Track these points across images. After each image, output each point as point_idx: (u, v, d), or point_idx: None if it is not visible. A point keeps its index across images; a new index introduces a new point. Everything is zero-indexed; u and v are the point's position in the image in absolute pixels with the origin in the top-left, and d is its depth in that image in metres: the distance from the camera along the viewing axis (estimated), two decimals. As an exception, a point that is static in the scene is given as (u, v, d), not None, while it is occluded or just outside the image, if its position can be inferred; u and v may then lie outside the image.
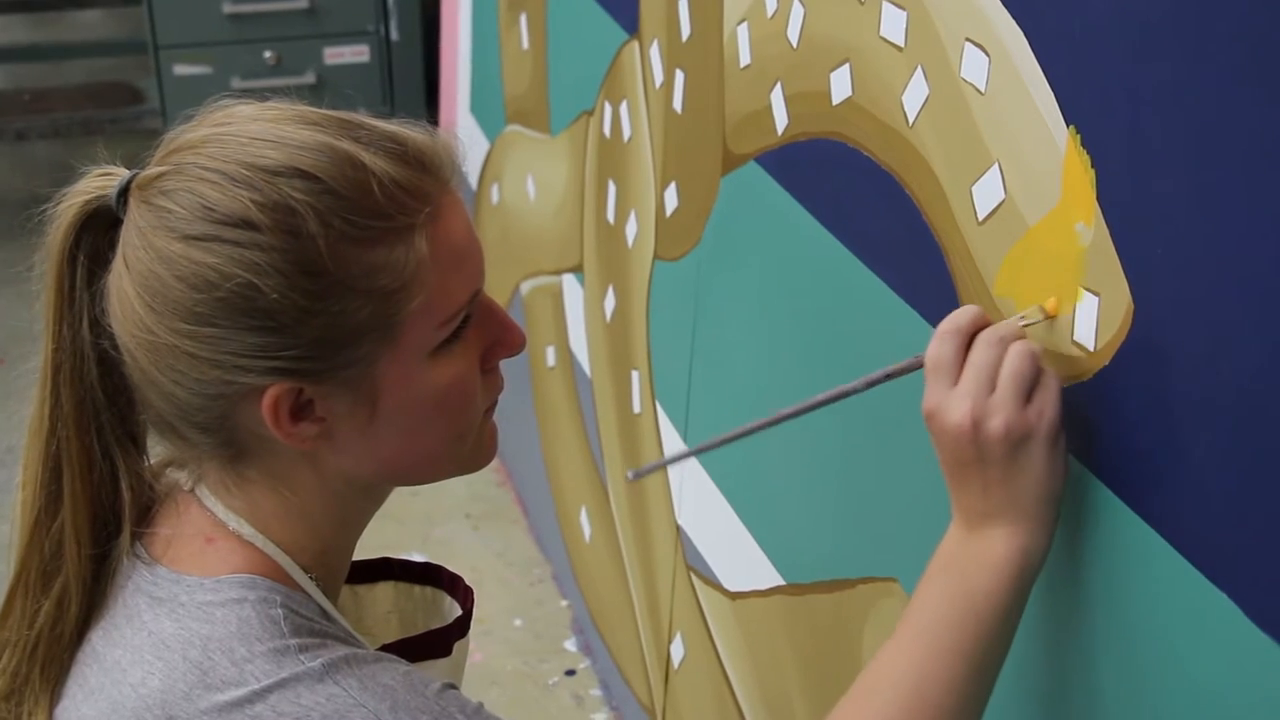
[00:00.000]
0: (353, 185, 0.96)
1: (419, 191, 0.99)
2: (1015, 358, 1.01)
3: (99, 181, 1.03)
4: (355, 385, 0.99)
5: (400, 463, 1.05)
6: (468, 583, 1.22)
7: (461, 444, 1.06)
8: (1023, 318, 1.06)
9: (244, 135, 0.98)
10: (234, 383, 0.98)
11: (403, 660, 1.02)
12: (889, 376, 1.11)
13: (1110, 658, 1.04)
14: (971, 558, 1.02)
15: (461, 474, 1.09)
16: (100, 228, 1.02)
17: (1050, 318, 1.06)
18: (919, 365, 1.06)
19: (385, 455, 1.03)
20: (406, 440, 1.03)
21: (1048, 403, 1.01)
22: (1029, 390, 1.01)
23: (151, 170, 1.00)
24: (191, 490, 1.06)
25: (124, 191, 1.01)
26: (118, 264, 1.00)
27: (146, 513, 1.06)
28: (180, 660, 0.97)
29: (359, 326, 0.97)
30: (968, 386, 1.01)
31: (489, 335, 1.05)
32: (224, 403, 1.00)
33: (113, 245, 1.01)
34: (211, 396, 0.99)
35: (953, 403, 1.01)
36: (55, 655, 1.04)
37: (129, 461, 1.05)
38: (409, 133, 1.01)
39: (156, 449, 1.08)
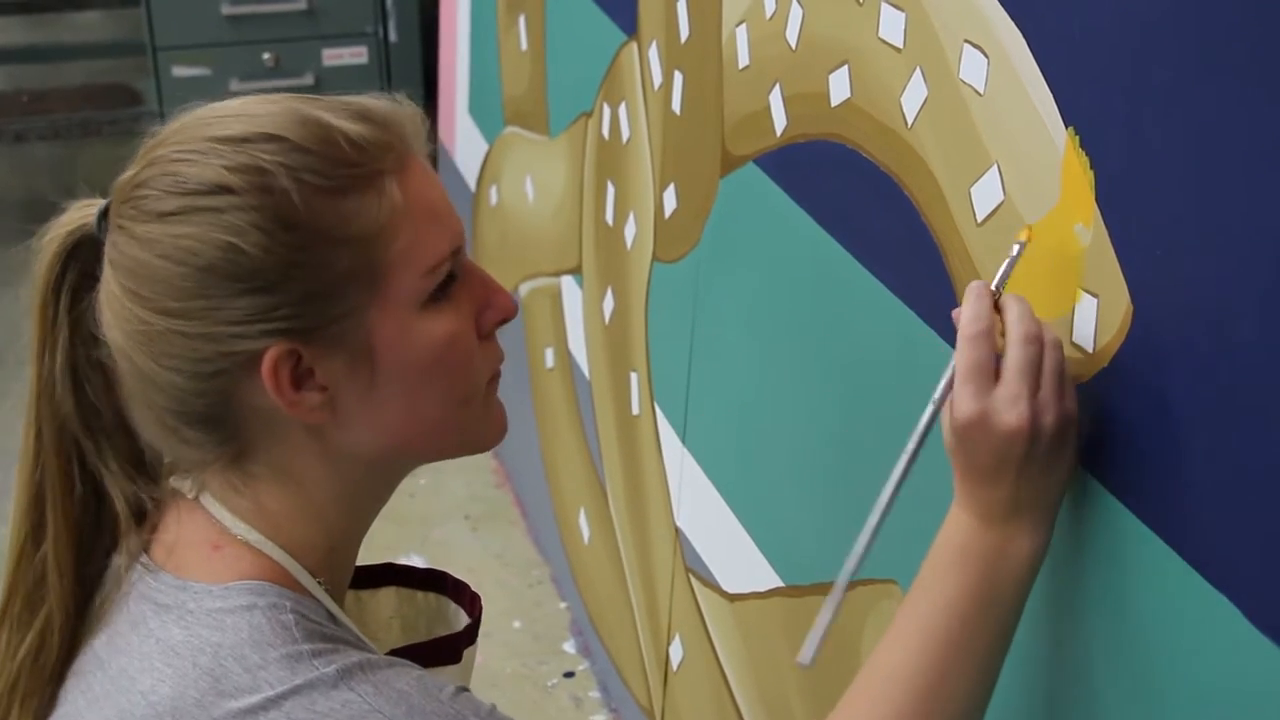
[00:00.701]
0: (319, 140, 0.99)
1: (383, 143, 1.01)
2: (1054, 351, 1.00)
3: (81, 213, 1.04)
4: (349, 342, 1.00)
5: (406, 431, 1.04)
6: (474, 590, 1.22)
7: (467, 410, 1.06)
8: (1014, 251, 1.05)
9: (207, 117, 1.01)
10: (231, 353, 0.98)
11: (415, 665, 1.01)
12: (937, 409, 1.06)
13: (1109, 660, 1.04)
14: (993, 551, 1.01)
15: (471, 450, 1.09)
16: (84, 258, 1.03)
17: (1026, 242, 1.05)
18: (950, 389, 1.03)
19: (390, 423, 1.03)
20: (409, 403, 1.03)
21: (1071, 393, 1.02)
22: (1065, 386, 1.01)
23: (126, 175, 1.02)
24: (195, 498, 1.05)
25: (104, 214, 1.02)
26: (105, 272, 1.01)
27: (143, 521, 1.06)
28: (191, 667, 0.97)
29: (342, 276, 0.98)
30: (1019, 388, 0.99)
31: (478, 297, 1.06)
32: (224, 380, 0.99)
33: (96, 273, 1.02)
34: (210, 375, 0.99)
35: (1005, 405, 0.99)
36: (36, 689, 1.04)
37: (118, 481, 1.05)
38: (369, 99, 1.05)
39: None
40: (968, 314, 1.01)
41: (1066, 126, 1.04)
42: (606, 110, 2.14)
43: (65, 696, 1.03)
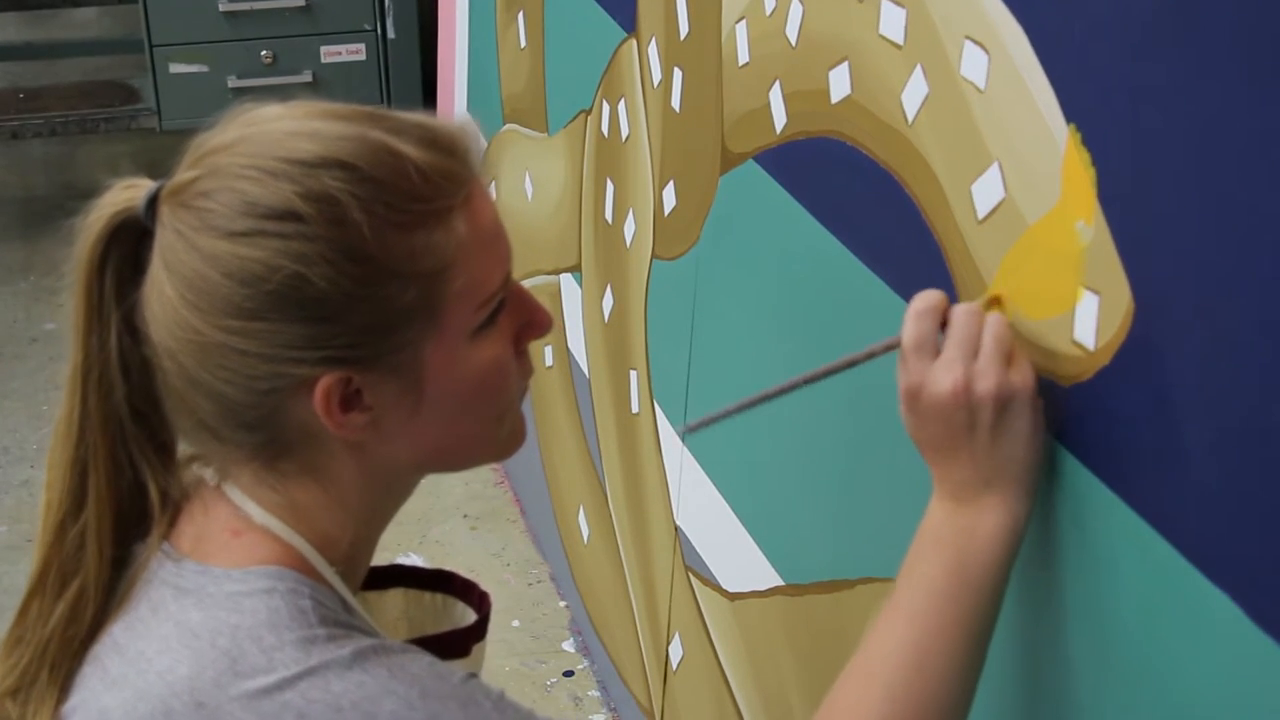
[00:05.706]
0: (390, 171, 0.99)
1: (452, 175, 1.01)
2: (995, 326, 1.05)
3: (126, 194, 1.04)
4: (403, 371, 1.01)
5: (443, 447, 1.07)
6: (483, 588, 1.23)
7: (500, 426, 1.08)
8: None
9: (276, 132, 1.00)
10: (286, 375, 0.99)
11: (426, 652, 1.03)
12: (870, 356, 1.13)
13: (1109, 657, 1.04)
14: (964, 530, 1.04)
15: (497, 460, 1.12)
16: (128, 239, 1.03)
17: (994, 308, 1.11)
18: (896, 345, 1.08)
19: (430, 441, 1.05)
20: (450, 424, 1.05)
21: (1025, 368, 1.05)
22: (1009, 357, 1.05)
23: (184, 175, 1.01)
24: (217, 486, 1.07)
25: (152, 201, 1.02)
26: (156, 270, 1.01)
27: (172, 513, 1.07)
28: (208, 648, 0.98)
29: (405, 310, 0.99)
30: (954, 354, 1.04)
31: (520, 317, 1.08)
32: (275, 397, 1.00)
33: (140, 256, 1.02)
34: (263, 392, 1.00)
35: (940, 372, 1.04)
36: (65, 657, 1.05)
37: (154, 468, 1.06)
38: (435, 121, 1.04)
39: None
40: (918, 298, 1.08)
41: (1068, 123, 1.04)
42: (606, 107, 2.13)
43: (83, 682, 1.04)
